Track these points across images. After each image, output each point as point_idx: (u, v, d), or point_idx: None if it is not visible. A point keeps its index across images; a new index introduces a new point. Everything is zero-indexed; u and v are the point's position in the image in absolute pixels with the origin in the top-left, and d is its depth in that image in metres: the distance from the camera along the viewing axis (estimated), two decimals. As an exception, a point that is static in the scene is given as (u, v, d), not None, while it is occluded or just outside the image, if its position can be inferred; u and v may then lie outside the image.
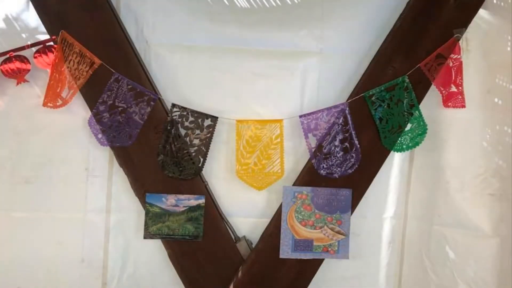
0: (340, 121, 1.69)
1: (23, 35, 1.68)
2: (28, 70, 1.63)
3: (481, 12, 1.66)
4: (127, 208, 1.75)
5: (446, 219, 1.74)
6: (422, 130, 1.69)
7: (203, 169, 1.70)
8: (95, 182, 1.74)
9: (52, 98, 1.66)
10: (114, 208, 1.75)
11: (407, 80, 1.66)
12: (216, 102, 1.73)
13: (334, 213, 1.72)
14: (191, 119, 1.69)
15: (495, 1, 1.66)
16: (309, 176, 1.71)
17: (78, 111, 1.71)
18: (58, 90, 1.66)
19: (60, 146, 1.73)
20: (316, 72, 1.76)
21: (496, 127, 1.68)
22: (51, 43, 1.63)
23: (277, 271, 1.71)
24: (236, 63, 1.74)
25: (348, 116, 1.68)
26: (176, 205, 1.70)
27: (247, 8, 1.74)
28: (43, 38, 1.65)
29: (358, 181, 1.72)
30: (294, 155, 1.75)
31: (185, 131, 1.69)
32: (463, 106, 1.65)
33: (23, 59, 1.62)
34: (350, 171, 1.69)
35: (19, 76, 1.63)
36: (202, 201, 1.70)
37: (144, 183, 1.70)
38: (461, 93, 1.65)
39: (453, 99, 1.67)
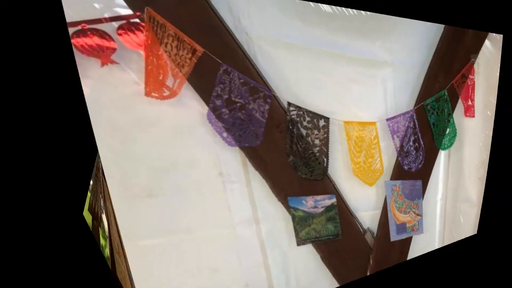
0: (411, 125, 2.07)
1: (96, 5, 1.26)
2: (114, 49, 1.26)
3: (486, 42, 2.32)
4: (274, 216, 1.60)
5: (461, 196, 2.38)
6: (454, 134, 2.28)
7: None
8: (234, 189, 1.49)
9: (156, 87, 1.34)
10: (261, 217, 1.56)
11: (446, 94, 2.20)
12: (323, 103, 1.76)
13: (414, 199, 2.10)
14: (307, 119, 1.69)
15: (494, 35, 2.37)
16: (398, 171, 2.02)
17: (191, 104, 1.41)
18: (160, 78, 1.35)
19: (181, 146, 1.39)
20: (391, 81, 2.05)
21: (486, 132, 2.45)
22: (137, 19, 1.30)
23: (391, 254, 1.95)
24: (334, 67, 1.82)
25: (415, 121, 2.08)
26: (315, 207, 1.68)
27: (331, 13, 1.84)
28: (122, 12, 1.28)
29: (424, 174, 2.15)
30: (386, 153, 2.01)
31: (305, 131, 1.68)
32: (473, 116, 2.34)
33: (103, 35, 1.25)
34: (420, 166, 2.11)
35: (102, 55, 1.25)
36: (334, 200, 1.75)
37: (283, 186, 1.59)
38: (473, 106, 2.33)
39: (469, 111, 2.33)
